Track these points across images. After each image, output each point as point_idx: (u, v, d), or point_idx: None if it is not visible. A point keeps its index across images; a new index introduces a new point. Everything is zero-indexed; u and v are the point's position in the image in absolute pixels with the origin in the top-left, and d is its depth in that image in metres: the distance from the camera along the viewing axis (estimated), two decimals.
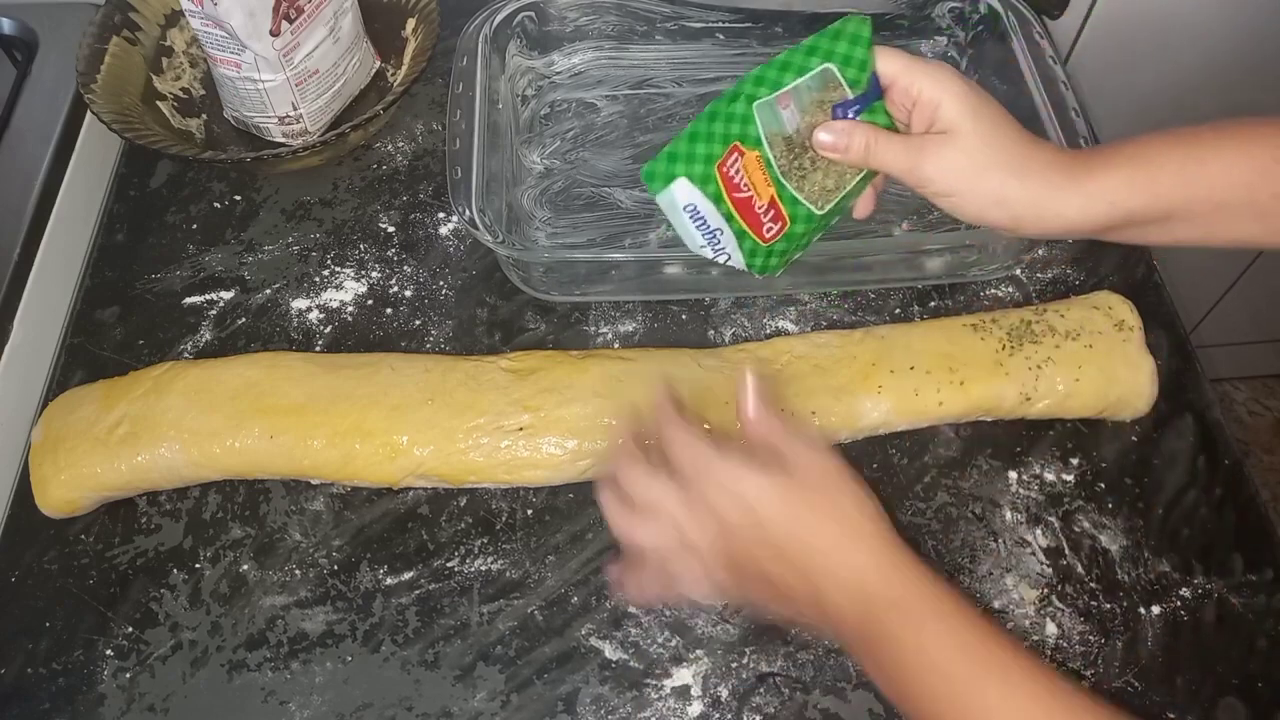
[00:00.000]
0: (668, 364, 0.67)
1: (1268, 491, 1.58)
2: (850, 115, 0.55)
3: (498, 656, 0.61)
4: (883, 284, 0.76)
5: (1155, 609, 0.62)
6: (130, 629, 0.62)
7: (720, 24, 0.88)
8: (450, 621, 0.62)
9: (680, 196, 0.56)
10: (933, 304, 0.76)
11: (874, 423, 0.66)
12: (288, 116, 0.81)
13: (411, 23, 0.90)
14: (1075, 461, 0.68)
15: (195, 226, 0.81)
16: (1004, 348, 0.67)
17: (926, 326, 0.70)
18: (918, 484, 0.67)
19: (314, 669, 0.60)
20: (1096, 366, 0.66)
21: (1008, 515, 0.66)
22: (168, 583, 0.64)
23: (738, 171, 0.55)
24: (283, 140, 0.83)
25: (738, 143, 0.54)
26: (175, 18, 0.88)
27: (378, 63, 0.89)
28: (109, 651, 0.61)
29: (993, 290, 0.76)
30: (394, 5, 0.90)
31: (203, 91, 0.88)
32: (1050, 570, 0.63)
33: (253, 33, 0.74)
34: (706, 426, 0.54)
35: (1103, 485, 0.67)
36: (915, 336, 0.68)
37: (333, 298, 0.76)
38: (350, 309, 0.76)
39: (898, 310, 0.75)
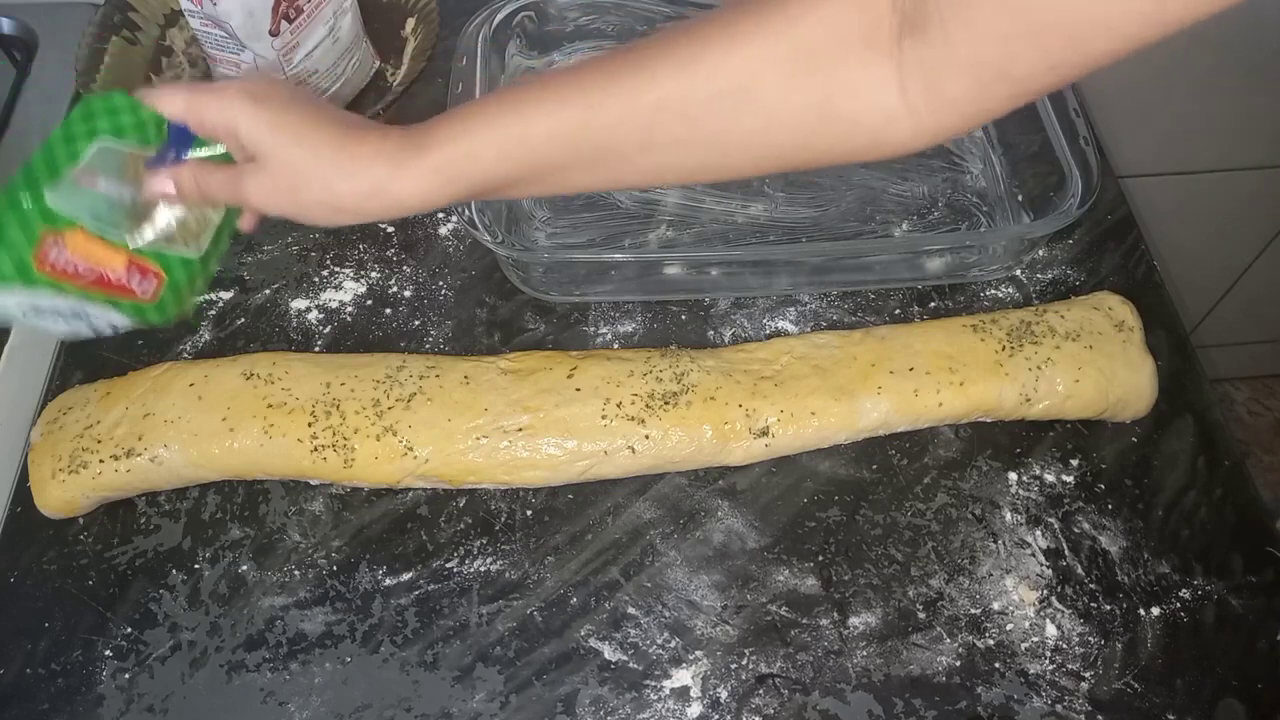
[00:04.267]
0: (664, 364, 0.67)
1: (1268, 492, 1.58)
2: (175, 160, 0.54)
3: (497, 657, 0.61)
4: (883, 284, 0.76)
5: (1155, 610, 0.62)
6: (129, 629, 0.62)
7: None
8: (449, 622, 0.62)
9: (10, 305, 0.53)
10: (933, 304, 0.76)
11: (874, 423, 0.66)
12: None
13: (411, 22, 0.89)
14: (1075, 463, 0.68)
15: None
16: (1004, 348, 0.67)
17: (926, 327, 0.70)
18: (918, 485, 0.67)
19: (313, 670, 0.60)
20: (1097, 367, 0.66)
21: (1008, 516, 0.66)
22: (167, 583, 0.64)
23: (65, 257, 0.53)
24: None
25: (47, 229, 0.52)
26: (175, 18, 0.87)
27: (377, 63, 0.89)
28: (108, 652, 0.61)
29: (993, 291, 0.76)
30: (394, 5, 0.90)
31: None
32: (1050, 571, 0.63)
33: (252, 33, 0.74)
34: None
35: (1103, 486, 0.67)
36: (915, 337, 0.68)
37: (332, 298, 0.76)
38: (349, 309, 0.76)
39: (898, 310, 0.75)
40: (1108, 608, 0.62)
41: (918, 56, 0.43)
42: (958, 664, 0.60)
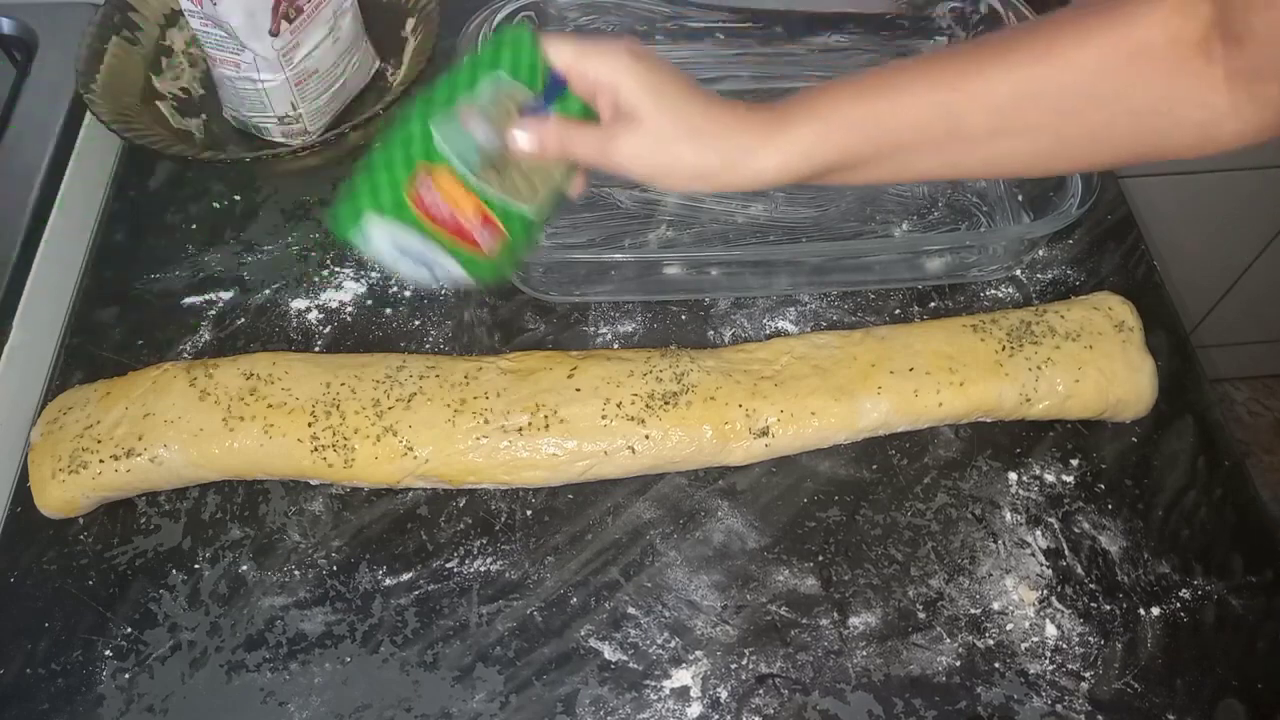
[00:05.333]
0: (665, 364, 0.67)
1: (1268, 491, 1.58)
2: (539, 113, 0.54)
3: (497, 657, 0.61)
4: (883, 284, 0.76)
5: (1155, 610, 0.62)
6: (129, 629, 0.62)
7: (720, 24, 0.88)
8: (449, 622, 0.62)
9: (377, 233, 0.54)
10: (933, 304, 0.76)
11: (874, 423, 0.66)
12: (287, 116, 0.81)
13: (411, 22, 0.90)
14: (1075, 463, 0.68)
15: (194, 226, 0.81)
16: (1004, 349, 0.67)
17: (926, 327, 0.70)
18: (918, 485, 0.67)
19: (313, 670, 0.60)
20: (1096, 368, 0.66)
21: (1008, 516, 0.66)
22: (167, 583, 0.64)
23: (429, 190, 0.54)
24: (282, 140, 0.83)
25: (423, 163, 0.53)
26: (175, 17, 0.88)
27: (377, 63, 0.89)
28: (108, 652, 0.61)
29: (993, 291, 0.76)
30: (394, 5, 0.90)
31: (202, 91, 0.88)
32: (1050, 571, 0.63)
33: (252, 32, 0.74)
34: None
35: (1103, 486, 0.67)
36: (915, 337, 0.68)
37: (332, 298, 0.76)
38: (349, 309, 0.75)
39: (898, 310, 0.75)
40: (1108, 608, 0.62)
41: (1237, 61, 0.45)
42: (958, 664, 0.60)
